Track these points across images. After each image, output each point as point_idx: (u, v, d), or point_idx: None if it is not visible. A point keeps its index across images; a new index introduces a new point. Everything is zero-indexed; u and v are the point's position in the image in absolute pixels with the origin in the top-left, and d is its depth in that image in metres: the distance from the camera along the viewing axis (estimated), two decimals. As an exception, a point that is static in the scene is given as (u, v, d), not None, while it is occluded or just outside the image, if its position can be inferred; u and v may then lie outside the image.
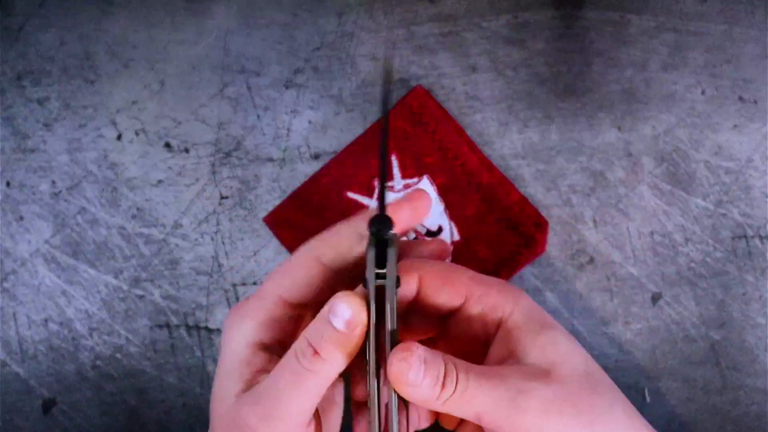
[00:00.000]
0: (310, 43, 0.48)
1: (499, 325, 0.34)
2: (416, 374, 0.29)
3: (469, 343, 0.35)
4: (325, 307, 0.30)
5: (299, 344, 0.30)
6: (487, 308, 0.34)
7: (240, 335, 0.33)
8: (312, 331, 0.30)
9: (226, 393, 0.32)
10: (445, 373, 0.30)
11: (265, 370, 0.32)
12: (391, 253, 0.30)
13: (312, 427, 0.32)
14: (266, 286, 0.34)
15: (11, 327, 0.47)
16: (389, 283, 0.30)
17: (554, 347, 0.32)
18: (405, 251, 0.38)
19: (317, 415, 0.33)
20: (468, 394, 0.30)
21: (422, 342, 0.31)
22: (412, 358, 0.29)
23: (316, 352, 0.30)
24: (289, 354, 0.31)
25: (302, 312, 0.35)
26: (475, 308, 0.34)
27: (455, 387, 0.30)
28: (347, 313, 0.30)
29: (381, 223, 0.30)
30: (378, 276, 0.30)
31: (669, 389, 0.46)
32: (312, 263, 0.33)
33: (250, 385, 0.32)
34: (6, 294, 0.47)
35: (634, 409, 0.34)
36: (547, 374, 0.31)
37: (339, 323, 0.30)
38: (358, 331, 0.30)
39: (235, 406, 0.31)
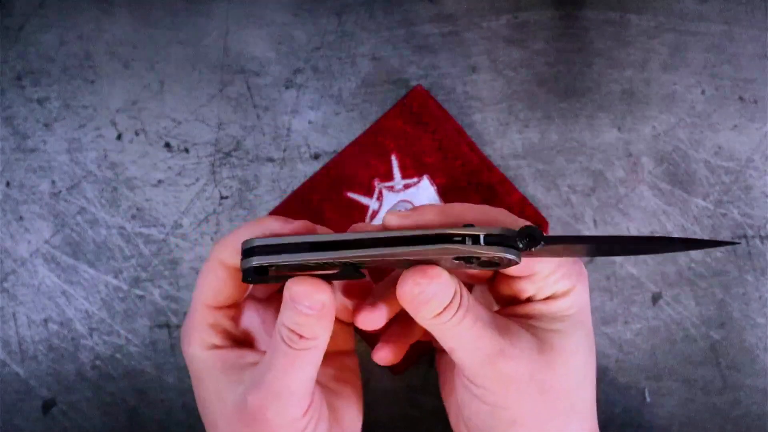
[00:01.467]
0: (310, 43, 0.48)
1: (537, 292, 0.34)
2: (429, 286, 0.30)
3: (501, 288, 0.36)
4: (286, 294, 0.31)
5: (283, 332, 0.31)
6: (544, 286, 0.34)
7: (198, 351, 0.34)
8: (287, 318, 0.31)
9: (221, 395, 0.33)
10: (450, 302, 0.30)
11: (242, 363, 0.34)
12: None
13: (315, 396, 0.33)
14: (193, 299, 0.35)
15: (11, 327, 0.47)
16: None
17: (567, 340, 0.33)
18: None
19: (317, 388, 0.34)
20: (456, 329, 0.31)
21: None
22: (432, 283, 0.30)
23: (301, 336, 0.31)
24: (277, 341, 0.31)
25: (238, 305, 0.36)
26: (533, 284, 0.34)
27: (451, 317, 0.31)
28: (307, 300, 0.30)
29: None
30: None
31: (669, 389, 0.46)
32: (218, 267, 0.34)
33: (239, 378, 0.33)
34: (6, 294, 0.47)
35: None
36: (540, 350, 0.32)
37: (305, 309, 0.30)
38: (328, 306, 0.31)
39: (240, 398, 0.32)
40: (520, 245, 0.29)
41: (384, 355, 0.36)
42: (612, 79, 0.47)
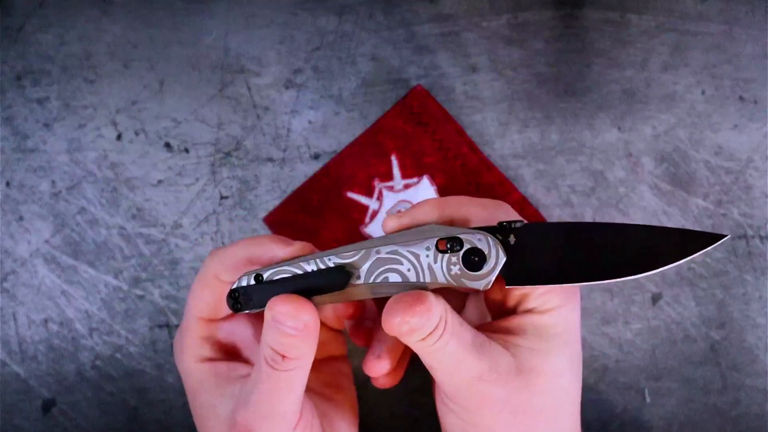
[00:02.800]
0: (310, 43, 0.48)
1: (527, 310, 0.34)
2: (416, 321, 0.30)
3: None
4: (268, 314, 0.31)
5: (266, 352, 0.31)
6: (537, 303, 0.33)
7: (191, 364, 0.35)
8: (270, 339, 0.31)
9: (214, 409, 0.33)
10: (435, 328, 0.30)
11: (235, 376, 0.34)
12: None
13: (305, 410, 0.33)
14: (186, 311, 0.35)
15: (11, 327, 0.47)
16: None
17: (548, 361, 0.32)
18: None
19: (307, 402, 0.34)
20: (437, 354, 0.31)
21: None
22: (420, 319, 0.30)
23: (284, 356, 0.31)
24: (261, 362, 0.31)
25: (231, 319, 0.36)
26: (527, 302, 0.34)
27: (434, 342, 0.30)
28: (291, 320, 0.30)
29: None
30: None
31: (669, 389, 0.46)
32: (212, 281, 0.34)
33: (232, 392, 0.33)
34: (6, 294, 0.47)
35: None
36: (518, 372, 0.32)
37: (289, 330, 0.30)
38: (312, 326, 0.31)
39: (231, 414, 0.32)
40: (498, 235, 0.31)
41: (377, 368, 0.35)
42: (612, 79, 0.47)
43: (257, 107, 0.47)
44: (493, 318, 0.36)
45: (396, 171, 0.46)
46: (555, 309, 0.33)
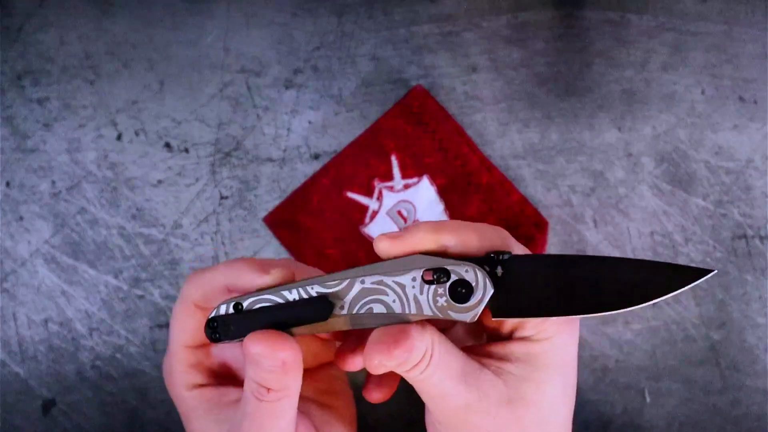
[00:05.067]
0: (310, 43, 0.48)
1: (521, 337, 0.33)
2: (395, 362, 0.29)
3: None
4: (245, 353, 0.30)
5: (251, 386, 0.31)
6: (533, 332, 0.32)
7: (182, 391, 0.34)
8: (252, 374, 0.30)
9: None
10: (419, 361, 0.30)
11: (226, 402, 0.34)
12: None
13: (300, 429, 0.33)
14: (170, 338, 0.35)
15: (11, 327, 0.47)
16: None
17: (540, 391, 0.31)
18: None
19: (302, 420, 0.34)
20: (423, 384, 0.31)
21: None
22: (397, 353, 0.29)
23: (269, 389, 0.30)
24: (247, 394, 0.31)
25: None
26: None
27: (419, 373, 0.30)
28: (267, 360, 0.30)
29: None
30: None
31: (669, 389, 0.46)
32: (191, 308, 0.34)
33: (225, 417, 0.33)
34: (6, 294, 0.47)
35: None
36: (509, 402, 0.31)
37: (268, 367, 0.30)
38: (291, 362, 0.30)
39: None
40: (486, 267, 0.30)
41: (377, 396, 0.35)
42: (612, 79, 0.47)
43: (257, 107, 0.47)
44: (489, 338, 0.35)
45: (396, 171, 0.46)
46: (550, 338, 0.32)
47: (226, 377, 0.36)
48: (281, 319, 0.31)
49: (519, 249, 0.32)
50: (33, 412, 0.46)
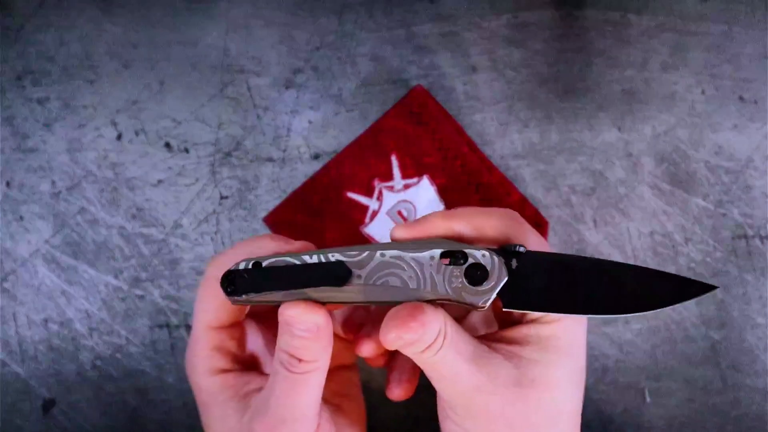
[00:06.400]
0: (310, 43, 0.48)
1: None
2: (411, 337, 0.30)
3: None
4: (280, 319, 0.31)
5: (282, 357, 0.31)
6: (542, 313, 0.33)
7: (204, 378, 0.34)
8: (284, 343, 0.31)
9: (227, 422, 0.33)
10: (433, 341, 0.30)
11: (247, 390, 0.34)
12: None
13: (323, 418, 0.33)
14: (194, 323, 0.35)
15: (11, 327, 0.47)
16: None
17: (548, 373, 0.32)
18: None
19: (323, 407, 0.34)
20: (436, 365, 0.31)
21: None
22: (414, 326, 0.30)
23: (300, 359, 0.31)
24: (277, 366, 0.31)
25: (240, 325, 0.36)
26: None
27: (432, 355, 0.30)
28: (302, 323, 0.30)
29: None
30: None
31: (669, 389, 0.46)
32: (215, 286, 0.34)
33: (245, 405, 0.33)
34: (6, 294, 0.47)
35: None
36: (517, 383, 0.31)
37: (301, 332, 0.30)
38: (324, 328, 0.31)
39: (246, 426, 0.32)
40: (500, 256, 0.31)
41: (399, 393, 0.36)
42: (612, 79, 0.47)
43: (257, 107, 0.47)
44: (500, 326, 0.36)
45: (396, 171, 0.46)
46: (559, 320, 0.33)
47: (250, 365, 0.36)
48: (299, 279, 0.31)
49: (532, 234, 0.33)
50: (33, 412, 0.46)
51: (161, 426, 0.46)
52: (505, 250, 0.31)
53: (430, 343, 0.30)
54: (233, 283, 0.31)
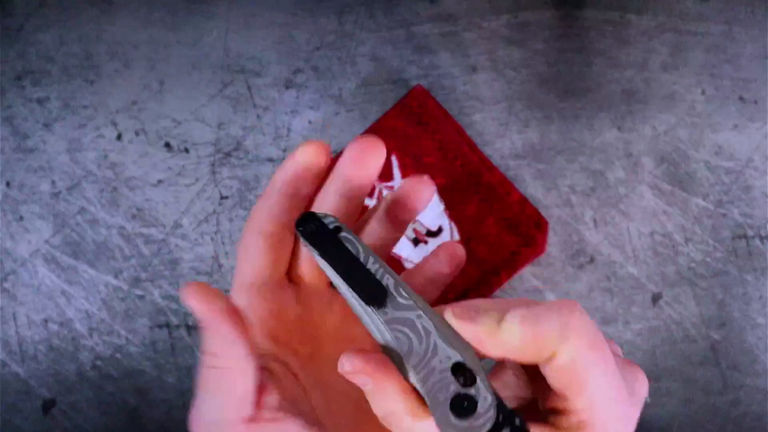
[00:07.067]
0: (310, 43, 0.48)
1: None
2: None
3: None
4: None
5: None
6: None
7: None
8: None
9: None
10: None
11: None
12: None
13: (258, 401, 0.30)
14: (234, 277, 0.33)
15: (11, 327, 0.47)
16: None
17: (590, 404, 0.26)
18: (415, 272, 0.35)
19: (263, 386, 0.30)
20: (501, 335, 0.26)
21: None
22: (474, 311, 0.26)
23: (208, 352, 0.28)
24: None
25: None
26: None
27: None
28: (199, 311, 0.27)
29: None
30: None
31: (669, 389, 0.46)
32: (259, 238, 0.32)
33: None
34: (6, 294, 0.47)
35: None
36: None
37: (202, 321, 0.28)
38: (220, 321, 0.27)
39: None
40: (500, 415, 0.25)
41: None
42: (612, 79, 0.47)
43: (257, 107, 0.47)
44: (533, 391, 0.30)
45: (396, 171, 0.46)
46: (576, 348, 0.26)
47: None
48: (342, 269, 0.28)
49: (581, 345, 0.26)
50: (33, 412, 0.46)
51: (161, 426, 0.46)
52: (509, 410, 0.25)
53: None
54: (306, 221, 0.30)
